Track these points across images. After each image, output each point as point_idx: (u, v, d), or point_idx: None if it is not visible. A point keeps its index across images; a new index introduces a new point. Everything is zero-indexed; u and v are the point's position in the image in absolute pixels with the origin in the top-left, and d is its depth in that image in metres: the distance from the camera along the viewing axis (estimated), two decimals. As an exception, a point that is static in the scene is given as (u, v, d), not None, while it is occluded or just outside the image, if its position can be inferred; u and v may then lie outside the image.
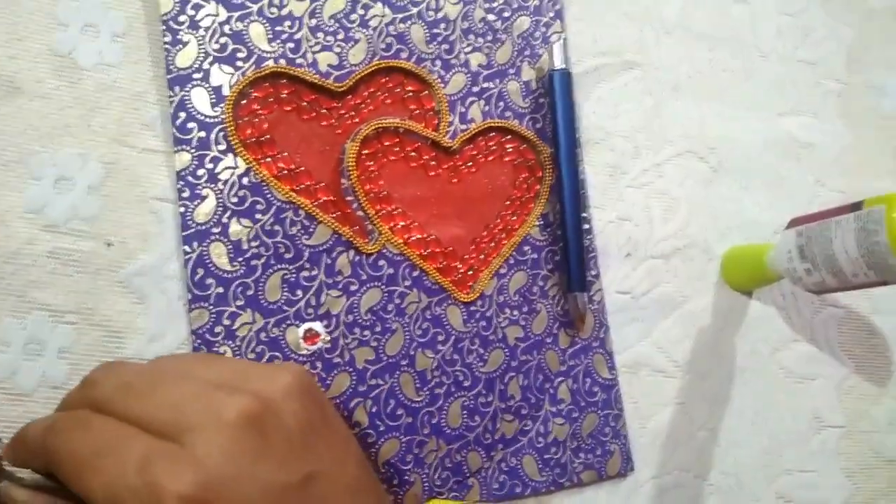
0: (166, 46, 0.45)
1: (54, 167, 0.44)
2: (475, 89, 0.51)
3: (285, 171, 0.46)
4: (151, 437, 0.31)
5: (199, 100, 0.45)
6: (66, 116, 0.44)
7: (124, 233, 0.44)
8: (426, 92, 0.50)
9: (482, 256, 0.49)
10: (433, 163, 0.49)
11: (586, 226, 0.52)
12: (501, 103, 0.51)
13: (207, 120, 0.45)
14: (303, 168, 0.47)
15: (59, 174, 0.44)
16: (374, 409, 0.46)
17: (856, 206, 0.45)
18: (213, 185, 0.45)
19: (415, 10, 0.50)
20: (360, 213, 0.47)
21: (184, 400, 0.32)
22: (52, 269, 0.43)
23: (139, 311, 0.44)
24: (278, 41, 0.47)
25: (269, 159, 0.46)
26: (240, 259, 0.45)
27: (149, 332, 0.44)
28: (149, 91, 0.46)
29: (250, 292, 0.44)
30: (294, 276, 0.45)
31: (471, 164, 0.50)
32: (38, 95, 0.44)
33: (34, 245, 0.43)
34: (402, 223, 0.48)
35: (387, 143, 0.48)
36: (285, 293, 0.45)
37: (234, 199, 0.45)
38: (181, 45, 0.45)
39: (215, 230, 0.44)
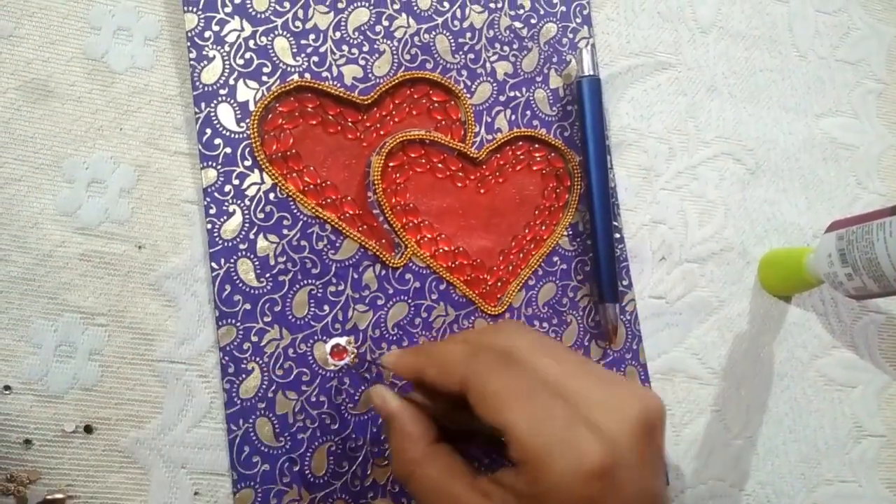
0: (192, 63, 0.45)
1: (87, 170, 0.45)
2: (501, 98, 0.50)
3: (311, 186, 0.46)
4: (570, 400, 0.33)
5: (225, 116, 0.45)
6: (98, 120, 0.45)
7: (155, 235, 0.45)
8: (452, 102, 0.50)
9: (510, 268, 0.49)
10: (460, 174, 0.49)
11: (617, 235, 0.51)
12: (528, 112, 0.51)
13: (233, 136, 0.45)
14: (329, 182, 0.47)
15: (92, 177, 0.45)
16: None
17: (897, 209, 0.44)
18: (239, 202, 0.45)
19: (439, 21, 0.50)
20: (386, 226, 0.47)
21: (589, 377, 0.34)
22: (84, 271, 0.44)
23: (170, 314, 0.45)
24: (303, 55, 0.47)
25: (294, 174, 0.46)
26: (267, 275, 0.45)
27: (179, 335, 0.44)
28: (180, 95, 0.46)
29: (278, 308, 0.45)
30: (321, 291, 0.45)
31: (498, 174, 0.50)
32: (71, 99, 0.45)
33: (66, 247, 0.44)
34: (428, 236, 0.48)
35: (413, 155, 0.48)
36: (312, 309, 0.45)
37: (261, 215, 0.45)
38: (206, 62, 0.45)
39: (242, 246, 0.45)
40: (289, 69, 0.47)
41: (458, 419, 0.37)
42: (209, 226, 0.44)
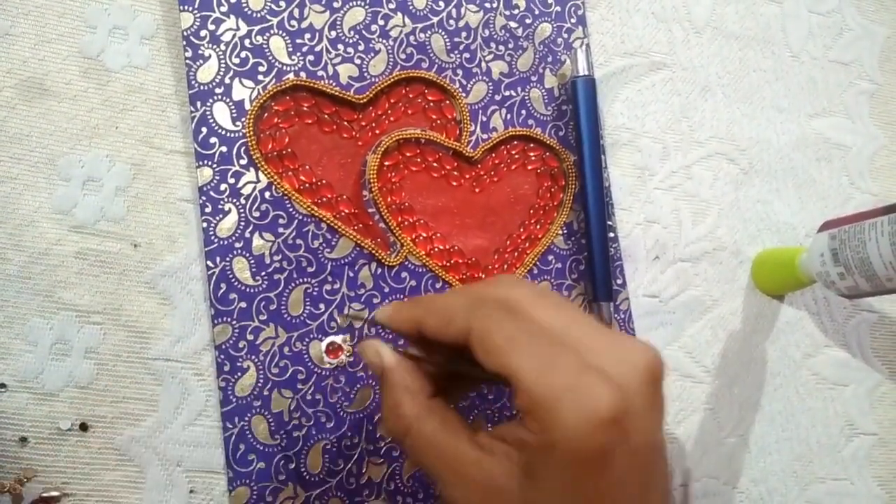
0: (187, 62, 0.45)
1: (82, 168, 0.44)
2: (497, 98, 0.50)
3: (307, 185, 0.46)
4: (576, 348, 0.31)
5: (221, 115, 0.45)
6: (94, 118, 0.45)
7: (151, 234, 0.45)
8: (447, 102, 0.50)
9: (505, 267, 0.49)
10: (455, 173, 0.49)
11: (611, 234, 0.51)
12: (524, 111, 0.51)
13: (229, 135, 0.45)
14: (324, 181, 0.47)
15: (88, 175, 0.45)
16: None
17: (890, 209, 0.45)
18: (235, 200, 0.45)
19: (435, 20, 0.50)
20: (381, 225, 0.47)
21: (593, 329, 0.33)
22: (80, 269, 0.44)
23: (165, 312, 0.44)
24: (298, 54, 0.47)
25: (290, 173, 0.46)
26: (262, 273, 0.45)
27: (174, 333, 0.44)
28: (176, 93, 0.46)
29: (273, 307, 0.45)
30: (316, 289, 0.46)
31: (493, 173, 0.50)
32: (67, 97, 0.45)
33: (62, 245, 0.44)
34: (424, 234, 0.48)
35: (408, 154, 0.48)
36: (308, 307, 0.45)
37: (257, 214, 0.45)
38: (202, 60, 0.45)
39: (238, 245, 0.45)
40: (284, 68, 0.47)
41: (457, 371, 0.36)
42: (205, 224, 0.44)
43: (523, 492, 0.31)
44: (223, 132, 0.45)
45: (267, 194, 0.45)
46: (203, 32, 0.46)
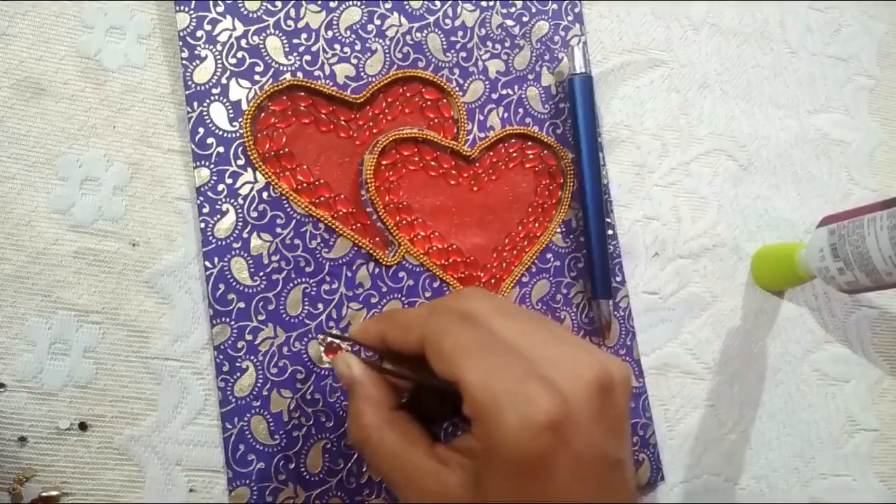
0: (184, 62, 0.45)
1: (80, 168, 0.45)
2: (494, 96, 0.50)
3: (304, 185, 0.46)
4: (525, 357, 0.32)
5: (218, 115, 0.45)
6: (91, 118, 0.45)
7: (149, 233, 0.45)
8: (444, 100, 0.50)
9: (504, 265, 0.49)
10: (453, 172, 0.49)
11: (610, 231, 0.51)
12: (521, 110, 0.51)
13: (226, 135, 0.45)
14: (322, 181, 0.47)
15: (85, 175, 0.45)
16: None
17: (889, 204, 0.45)
18: (232, 200, 0.45)
19: (431, 19, 0.50)
20: (379, 224, 0.47)
21: (547, 338, 0.33)
22: (78, 268, 0.44)
23: (164, 311, 0.45)
24: (295, 54, 0.47)
25: (287, 173, 0.46)
26: (261, 274, 0.45)
27: (173, 332, 0.44)
28: (173, 92, 0.47)
29: (272, 307, 0.45)
30: (315, 289, 0.46)
31: (491, 171, 0.50)
32: (65, 97, 0.45)
33: (60, 245, 0.44)
34: (421, 233, 0.48)
35: (405, 154, 0.48)
36: (306, 307, 0.45)
37: (254, 214, 0.45)
38: (199, 61, 0.45)
39: (236, 245, 0.45)
40: (281, 68, 0.47)
41: (420, 382, 0.37)
42: (202, 225, 0.44)
43: (474, 502, 0.31)
44: (220, 132, 0.45)
45: (265, 194, 0.45)
46: (199, 33, 0.46)
